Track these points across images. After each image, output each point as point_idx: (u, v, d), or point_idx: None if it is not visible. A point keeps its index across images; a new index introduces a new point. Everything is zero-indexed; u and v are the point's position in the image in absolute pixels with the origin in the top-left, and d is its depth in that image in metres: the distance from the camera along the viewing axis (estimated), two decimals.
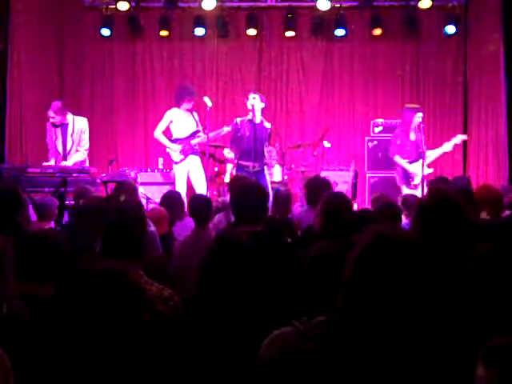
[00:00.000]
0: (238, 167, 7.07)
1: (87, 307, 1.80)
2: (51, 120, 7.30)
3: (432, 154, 7.57)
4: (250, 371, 1.66)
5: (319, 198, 3.71)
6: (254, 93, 7.16)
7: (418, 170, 7.25)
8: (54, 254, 2.70)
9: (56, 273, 2.64)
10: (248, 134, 6.98)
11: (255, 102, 7.00)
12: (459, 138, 7.59)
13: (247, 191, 3.47)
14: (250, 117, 7.00)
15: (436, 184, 5.32)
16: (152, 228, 3.97)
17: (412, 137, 7.52)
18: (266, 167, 7.16)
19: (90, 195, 4.97)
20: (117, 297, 1.81)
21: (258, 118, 7.03)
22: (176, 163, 7.83)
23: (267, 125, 7.17)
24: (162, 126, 7.92)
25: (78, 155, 7.36)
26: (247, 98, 7.09)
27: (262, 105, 7.08)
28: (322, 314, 1.64)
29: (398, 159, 7.45)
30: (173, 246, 4.35)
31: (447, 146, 7.56)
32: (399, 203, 5.13)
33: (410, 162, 7.44)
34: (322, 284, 2.17)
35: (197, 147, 7.88)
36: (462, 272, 2.16)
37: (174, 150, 7.78)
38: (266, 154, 7.12)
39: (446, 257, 2.25)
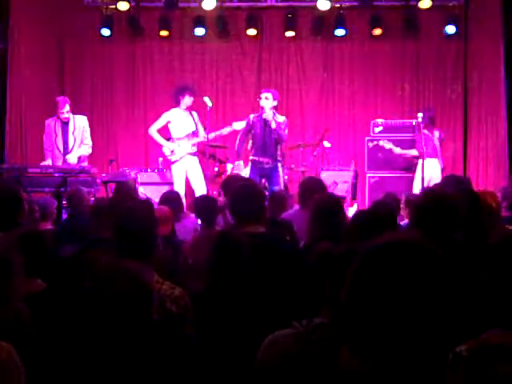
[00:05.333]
0: (253, 163, 7.22)
1: (102, 305, 1.82)
2: (64, 116, 7.22)
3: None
4: (248, 372, 1.66)
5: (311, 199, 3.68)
6: (267, 92, 7.23)
7: None
8: (38, 250, 2.74)
9: (40, 268, 2.68)
10: (259, 131, 7.14)
11: (267, 102, 7.10)
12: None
13: (246, 191, 3.45)
14: (265, 115, 7.09)
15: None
16: None
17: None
18: (280, 164, 7.24)
19: (82, 195, 4.98)
20: (130, 295, 1.82)
21: (270, 116, 7.08)
22: (173, 163, 7.83)
23: (279, 119, 7.17)
24: (157, 124, 7.93)
25: (83, 150, 7.32)
26: (260, 98, 7.20)
27: (275, 103, 7.19)
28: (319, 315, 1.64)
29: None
30: (177, 246, 4.33)
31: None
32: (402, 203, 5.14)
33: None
34: (323, 285, 2.17)
35: (194, 148, 7.86)
36: (459, 272, 2.15)
37: (169, 149, 7.79)
38: (278, 150, 7.22)
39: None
